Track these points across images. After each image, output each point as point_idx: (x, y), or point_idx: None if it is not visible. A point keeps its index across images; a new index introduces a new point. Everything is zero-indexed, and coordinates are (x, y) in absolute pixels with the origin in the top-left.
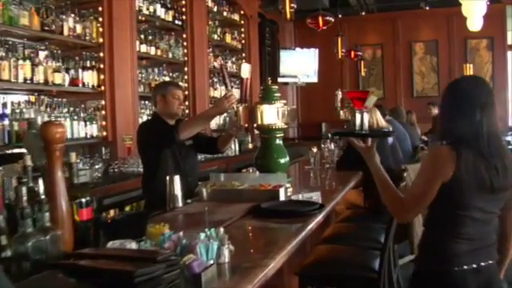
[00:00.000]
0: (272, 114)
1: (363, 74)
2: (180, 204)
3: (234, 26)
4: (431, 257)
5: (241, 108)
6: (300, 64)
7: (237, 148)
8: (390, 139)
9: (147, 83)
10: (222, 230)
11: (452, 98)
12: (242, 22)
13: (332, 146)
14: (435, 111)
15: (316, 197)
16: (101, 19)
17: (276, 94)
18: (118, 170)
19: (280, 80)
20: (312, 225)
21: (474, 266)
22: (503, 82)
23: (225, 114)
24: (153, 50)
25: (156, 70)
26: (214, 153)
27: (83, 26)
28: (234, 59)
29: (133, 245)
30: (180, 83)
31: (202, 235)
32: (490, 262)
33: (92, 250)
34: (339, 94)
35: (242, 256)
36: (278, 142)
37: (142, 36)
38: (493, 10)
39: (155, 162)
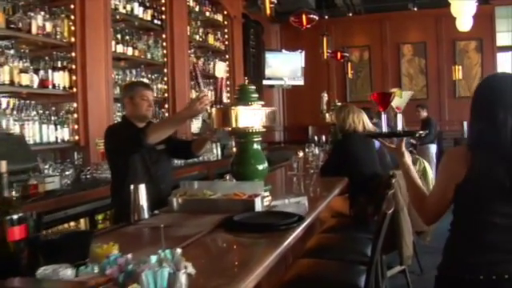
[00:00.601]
0: (248, 117)
1: (350, 76)
2: (146, 216)
3: (217, 27)
4: (449, 262)
5: (214, 110)
6: (286, 66)
7: (219, 152)
8: (377, 143)
9: (124, 85)
10: (178, 251)
11: (475, 98)
12: (226, 22)
13: (316, 150)
14: (424, 114)
15: (303, 201)
16: (73, 17)
17: (253, 95)
18: (91, 176)
19: (265, 82)
20: (289, 240)
21: (494, 277)
22: None
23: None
24: (130, 51)
25: (134, 71)
26: (188, 157)
27: (54, 25)
28: (217, 60)
29: (68, 271)
30: (159, 85)
31: (153, 258)
32: None
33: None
34: (325, 97)
35: (205, 280)
36: (256, 146)
37: (119, 36)
38: (482, 11)
39: (123, 169)
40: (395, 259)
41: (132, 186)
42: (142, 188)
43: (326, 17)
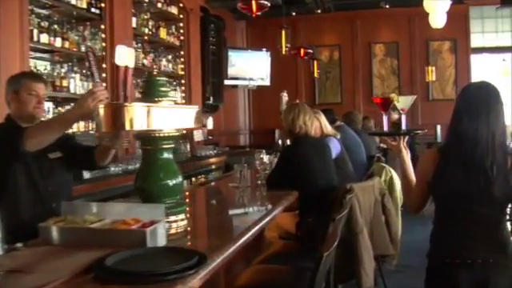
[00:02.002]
0: (151, 117)
1: (316, 75)
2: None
3: (171, 20)
4: (433, 248)
5: (101, 108)
6: (251, 65)
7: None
8: (334, 151)
9: (50, 82)
10: None
11: (455, 104)
12: (181, 15)
13: (266, 158)
14: (395, 116)
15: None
16: None
17: (163, 89)
18: None
19: (228, 82)
20: None
21: (469, 261)
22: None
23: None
24: (58, 42)
25: (66, 65)
26: (92, 168)
27: None
28: (170, 57)
29: None
30: None
31: None
32: (490, 260)
33: None
34: (285, 96)
35: None
36: (166, 155)
37: (45, 24)
38: (456, 11)
39: (1, 182)
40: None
41: None
42: None
43: (294, 13)
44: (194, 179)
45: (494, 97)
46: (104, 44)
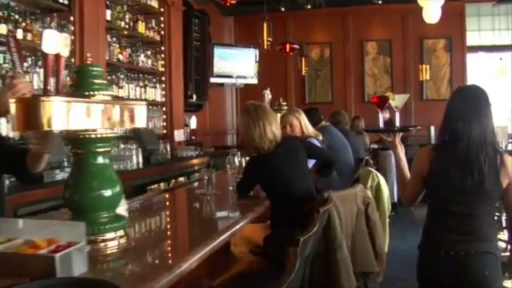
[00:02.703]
0: (77, 114)
1: (304, 73)
2: None
3: (151, 14)
4: (423, 241)
5: (12, 103)
6: (239, 63)
7: (140, 159)
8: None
9: (10, 76)
10: None
11: (446, 106)
12: (162, 9)
13: (236, 161)
14: (386, 115)
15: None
16: None
17: (97, 81)
18: None
19: (214, 80)
20: None
21: (452, 253)
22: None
23: None
24: (20, 33)
25: (30, 60)
26: (22, 175)
27: None
28: (149, 53)
29: None
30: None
31: None
32: (473, 252)
33: None
34: (267, 95)
35: None
36: (102, 161)
37: (6, 13)
38: (451, 9)
39: None
40: None
41: None
42: None
43: (283, 9)
44: (173, 181)
45: (484, 99)
46: (73, 37)
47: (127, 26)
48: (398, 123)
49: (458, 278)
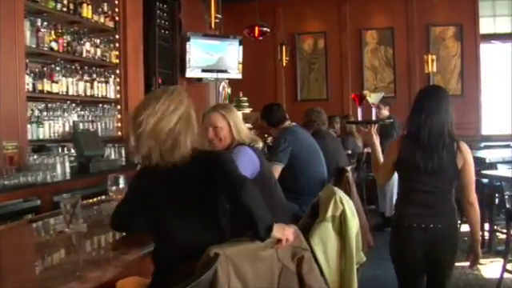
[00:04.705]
0: None
1: (284, 63)
2: None
3: None
4: (395, 215)
5: None
6: (220, 56)
7: (67, 168)
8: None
9: None
10: None
11: (413, 103)
12: None
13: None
14: (385, 112)
15: None
16: None
17: None
18: None
19: (190, 75)
20: None
21: (423, 226)
22: (474, 79)
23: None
24: None
25: None
26: None
27: None
28: (98, 41)
29: None
30: None
31: None
32: (439, 225)
33: None
34: (226, 88)
35: None
36: None
37: None
38: None
39: None
40: None
41: None
42: None
43: None
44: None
45: (445, 98)
46: None
47: (65, 9)
48: (373, 117)
49: (428, 248)
